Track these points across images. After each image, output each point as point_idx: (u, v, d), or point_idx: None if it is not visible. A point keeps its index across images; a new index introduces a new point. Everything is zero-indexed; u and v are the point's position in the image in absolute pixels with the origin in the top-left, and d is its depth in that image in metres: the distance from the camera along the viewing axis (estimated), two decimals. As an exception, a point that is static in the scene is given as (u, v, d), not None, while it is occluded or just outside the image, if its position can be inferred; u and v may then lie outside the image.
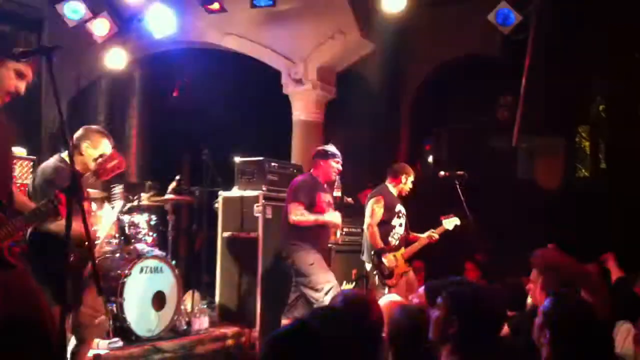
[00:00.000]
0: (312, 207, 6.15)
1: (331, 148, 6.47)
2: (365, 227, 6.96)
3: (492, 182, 9.20)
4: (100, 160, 3.73)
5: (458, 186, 6.93)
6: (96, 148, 4.51)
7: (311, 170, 6.51)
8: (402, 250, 6.97)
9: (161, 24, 7.97)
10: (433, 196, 8.24)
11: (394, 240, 6.97)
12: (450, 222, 7.08)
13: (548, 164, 9.67)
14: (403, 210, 7.09)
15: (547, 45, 8.90)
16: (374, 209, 6.87)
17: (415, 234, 7.22)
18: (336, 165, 6.35)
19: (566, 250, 7.96)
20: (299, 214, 6.03)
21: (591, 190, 9.65)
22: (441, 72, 10.57)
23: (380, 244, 6.80)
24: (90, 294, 4.46)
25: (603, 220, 8.59)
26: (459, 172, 7.03)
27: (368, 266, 6.93)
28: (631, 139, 9.65)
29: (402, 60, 10.53)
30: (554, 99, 9.37)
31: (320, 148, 6.56)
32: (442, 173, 7.20)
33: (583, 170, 11.01)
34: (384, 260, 6.76)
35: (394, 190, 7.11)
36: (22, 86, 3.33)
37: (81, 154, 4.50)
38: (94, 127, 4.75)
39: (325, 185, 6.49)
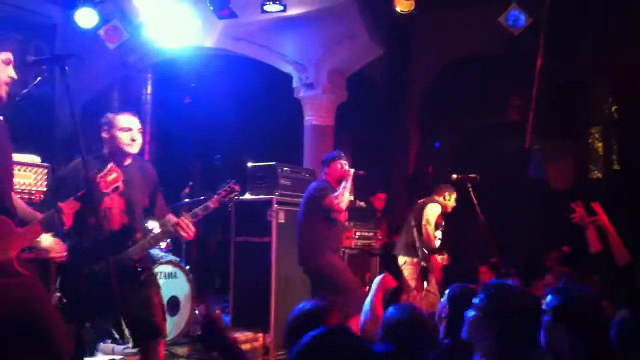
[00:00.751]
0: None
1: (334, 152, 6.55)
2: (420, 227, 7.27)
3: (504, 184, 9.19)
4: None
5: (471, 189, 6.93)
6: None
7: (323, 177, 6.54)
8: (445, 255, 7.42)
9: (173, 30, 8.00)
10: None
11: (438, 243, 7.36)
12: (443, 259, 7.44)
13: (561, 166, 9.64)
14: (443, 225, 7.43)
15: (558, 47, 8.89)
16: (434, 214, 7.26)
17: None
18: (342, 165, 6.35)
19: (579, 252, 7.96)
20: (336, 200, 5.96)
21: (604, 192, 9.61)
22: (450, 74, 10.56)
23: (434, 245, 7.18)
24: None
25: (616, 222, 8.55)
26: (471, 175, 7.03)
27: (402, 260, 7.25)
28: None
29: (411, 63, 10.54)
30: (566, 100, 9.35)
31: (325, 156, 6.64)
32: (454, 176, 7.21)
33: (596, 172, 10.97)
34: (438, 257, 7.23)
35: (442, 208, 7.42)
36: (12, 72, 3.21)
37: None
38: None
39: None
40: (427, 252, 7.14)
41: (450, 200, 7.43)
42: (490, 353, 2.56)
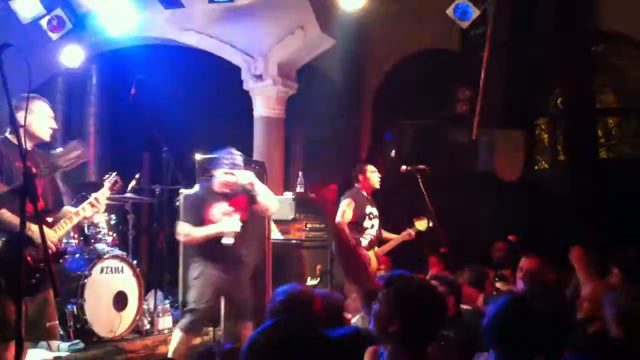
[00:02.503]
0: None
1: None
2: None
3: (452, 175, 9.27)
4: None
5: (420, 180, 6.97)
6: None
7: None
8: (375, 249, 7.08)
9: (118, 20, 7.83)
10: (396, 191, 8.26)
11: (365, 241, 7.03)
12: (422, 224, 7.20)
13: (508, 157, 9.77)
14: (375, 212, 7.14)
15: (505, 39, 8.99)
16: (344, 210, 6.92)
17: (388, 235, 7.34)
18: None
19: (527, 241, 8.10)
20: None
21: (551, 182, 9.79)
22: (401, 66, 10.59)
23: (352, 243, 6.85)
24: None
25: (562, 211, 8.72)
26: (420, 166, 7.07)
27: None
28: (588, 131, 9.81)
29: (362, 55, 10.53)
30: (512, 92, 9.48)
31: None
32: (403, 167, 7.23)
33: (543, 162, 11.17)
34: (370, 254, 6.89)
35: (364, 192, 7.15)
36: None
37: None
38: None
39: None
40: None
41: (370, 179, 7.15)
42: (394, 343, 2.52)
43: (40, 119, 4.24)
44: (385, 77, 10.83)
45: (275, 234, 7.17)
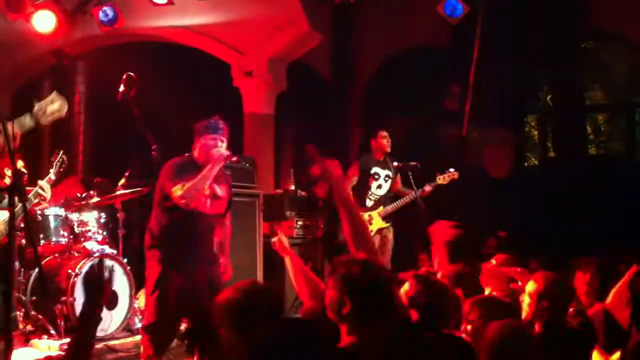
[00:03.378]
0: None
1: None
2: None
3: (442, 172, 9.27)
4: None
5: (411, 177, 6.99)
6: None
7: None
8: (380, 209, 7.21)
9: (105, 16, 7.76)
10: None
11: (370, 201, 7.28)
12: (445, 178, 7.25)
13: (498, 153, 9.80)
14: (384, 173, 7.33)
15: (494, 36, 9.00)
16: (347, 174, 7.09)
17: (405, 190, 7.45)
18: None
19: (515, 237, 8.10)
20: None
21: (540, 178, 9.81)
22: (391, 63, 10.58)
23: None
24: None
25: (551, 207, 8.74)
26: (412, 163, 7.12)
27: None
28: (578, 127, 9.84)
29: (352, 51, 10.52)
30: (502, 89, 9.50)
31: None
32: (395, 163, 7.26)
33: (532, 159, 11.19)
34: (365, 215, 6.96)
35: (374, 155, 7.38)
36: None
37: None
38: None
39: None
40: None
41: (378, 142, 7.38)
42: (348, 324, 2.59)
43: None
44: (375, 74, 10.82)
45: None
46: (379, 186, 7.27)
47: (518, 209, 8.94)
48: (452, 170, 7.35)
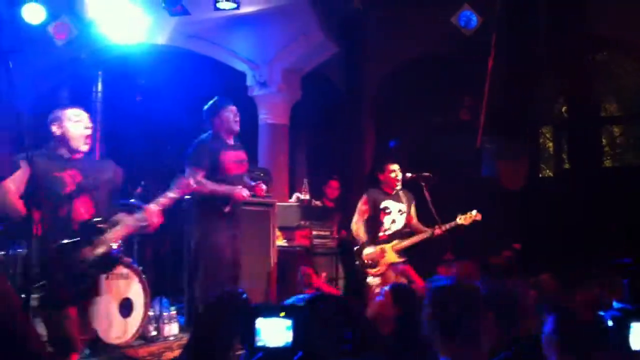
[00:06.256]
0: None
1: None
2: None
3: (457, 183, 9.26)
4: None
5: (424, 188, 6.95)
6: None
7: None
8: (395, 242, 6.96)
9: (124, 27, 7.84)
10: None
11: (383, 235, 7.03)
12: (466, 219, 7.10)
13: (512, 165, 9.76)
14: (396, 207, 7.04)
15: (508, 48, 9.00)
16: (358, 208, 7.01)
17: (421, 227, 7.21)
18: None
19: (529, 249, 8.06)
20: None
21: (555, 190, 9.77)
22: (405, 73, 10.60)
23: (363, 238, 6.87)
24: None
25: (566, 220, 8.70)
26: (425, 174, 7.03)
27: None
28: (593, 139, 9.80)
29: (365, 61, 10.55)
30: (517, 100, 9.48)
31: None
32: (408, 175, 7.20)
33: (547, 171, 11.16)
34: (364, 252, 6.81)
35: (383, 188, 7.09)
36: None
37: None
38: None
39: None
40: (357, 247, 6.92)
41: (387, 176, 7.06)
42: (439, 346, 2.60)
43: (75, 128, 4.30)
44: (388, 84, 10.84)
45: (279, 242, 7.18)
46: (393, 221, 7.01)
47: (532, 221, 8.91)
48: (474, 212, 7.14)
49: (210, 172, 5.43)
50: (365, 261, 6.80)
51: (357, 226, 6.93)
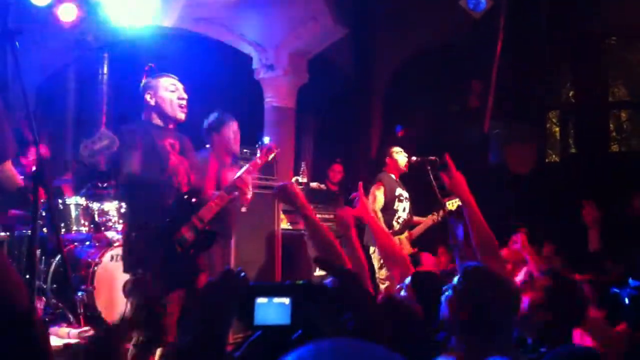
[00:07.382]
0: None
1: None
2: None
3: (463, 168, 9.24)
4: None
5: (430, 171, 6.94)
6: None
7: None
8: (406, 233, 7.07)
9: (131, 9, 7.82)
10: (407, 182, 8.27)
11: (397, 224, 7.04)
12: (453, 203, 7.09)
13: (519, 150, 9.74)
14: (405, 194, 7.14)
15: (517, 32, 8.95)
16: (375, 195, 6.94)
17: (417, 218, 7.32)
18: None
19: (536, 234, 8.06)
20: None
21: (561, 175, 9.75)
22: (412, 59, 10.56)
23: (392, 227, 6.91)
24: None
25: (573, 204, 8.67)
26: (430, 158, 7.02)
27: (372, 249, 6.83)
28: (600, 124, 9.75)
29: (373, 46, 10.50)
30: (524, 85, 9.44)
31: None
32: (414, 158, 7.21)
33: (553, 156, 11.12)
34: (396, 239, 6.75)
35: (392, 174, 7.16)
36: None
37: None
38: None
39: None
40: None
41: (397, 161, 7.14)
42: (461, 334, 2.49)
43: (166, 95, 4.18)
44: (396, 69, 10.80)
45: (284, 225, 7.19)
46: (404, 208, 7.08)
47: (538, 206, 8.90)
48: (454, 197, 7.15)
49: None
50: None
51: (377, 215, 6.75)
